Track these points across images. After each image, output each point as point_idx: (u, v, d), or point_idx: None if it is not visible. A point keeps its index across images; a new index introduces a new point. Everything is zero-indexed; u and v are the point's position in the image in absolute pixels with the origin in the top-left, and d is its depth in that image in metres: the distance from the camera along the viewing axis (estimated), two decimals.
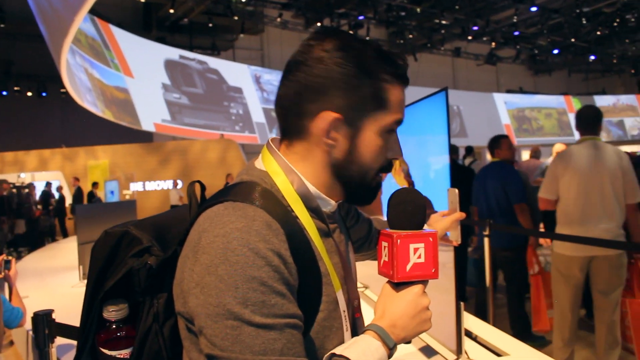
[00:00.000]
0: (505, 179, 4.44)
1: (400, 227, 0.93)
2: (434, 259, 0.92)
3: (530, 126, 24.63)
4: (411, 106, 2.07)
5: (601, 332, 3.44)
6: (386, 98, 0.92)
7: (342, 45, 0.90)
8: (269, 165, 0.95)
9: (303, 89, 0.90)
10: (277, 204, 0.88)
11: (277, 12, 17.64)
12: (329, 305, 0.91)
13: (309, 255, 0.88)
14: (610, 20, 18.90)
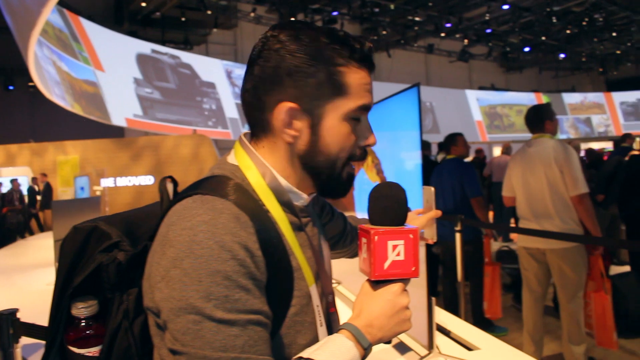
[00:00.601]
0: (462, 175, 4.58)
1: (380, 222, 0.90)
2: (415, 256, 0.89)
3: (501, 123, 24.95)
4: (384, 102, 2.08)
5: (565, 323, 3.53)
6: (344, 83, 0.91)
7: (295, 34, 0.90)
8: (240, 159, 0.94)
9: (260, 82, 0.90)
10: (248, 198, 0.87)
11: (251, 7, 17.53)
12: (301, 300, 0.90)
13: (280, 249, 0.87)
14: (579, 19, 19.23)
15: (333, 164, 0.93)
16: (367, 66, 0.94)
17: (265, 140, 0.93)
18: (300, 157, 0.93)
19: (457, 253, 3.78)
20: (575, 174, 3.41)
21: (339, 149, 0.93)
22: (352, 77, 0.92)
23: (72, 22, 14.75)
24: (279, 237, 0.88)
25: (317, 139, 0.92)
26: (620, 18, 19.44)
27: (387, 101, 2.03)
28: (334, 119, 0.91)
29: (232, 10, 17.94)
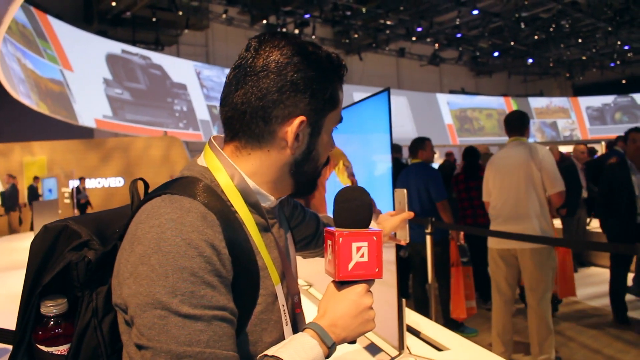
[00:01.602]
0: (428, 179, 4.64)
1: (344, 225, 0.93)
2: (378, 258, 0.91)
3: (471, 126, 25.27)
4: (355, 105, 2.09)
5: (533, 323, 3.60)
6: (337, 98, 0.99)
7: (298, 50, 0.94)
8: (210, 161, 0.96)
9: (267, 94, 0.91)
10: (216, 198, 0.89)
11: (223, 8, 17.43)
12: (267, 299, 0.92)
13: (247, 248, 0.90)
14: (547, 25, 19.61)
15: (316, 170, 1.01)
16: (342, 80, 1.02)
17: (258, 148, 0.95)
18: (293, 164, 0.98)
19: (428, 255, 3.83)
20: (553, 173, 3.55)
21: (324, 157, 1.01)
22: (339, 92, 1.00)
23: (40, 20, 14.45)
24: (245, 237, 0.91)
25: (312, 149, 0.98)
26: (586, 25, 19.88)
27: (359, 105, 2.05)
28: (327, 131, 1.00)
29: (203, 11, 17.82)
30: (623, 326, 4.72)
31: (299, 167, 0.98)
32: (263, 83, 0.91)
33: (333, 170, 2.35)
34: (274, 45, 0.94)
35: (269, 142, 0.94)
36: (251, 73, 0.92)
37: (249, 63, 0.93)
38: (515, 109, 4.16)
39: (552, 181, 3.53)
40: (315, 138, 0.98)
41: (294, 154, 0.96)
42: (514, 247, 3.60)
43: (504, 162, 3.69)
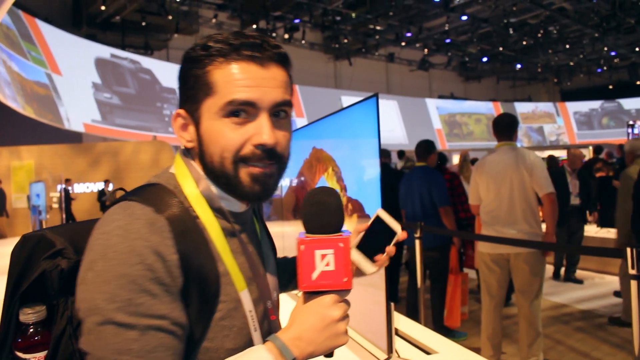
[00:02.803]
0: (432, 184, 4.63)
1: (312, 230, 0.87)
2: (346, 267, 0.85)
3: (460, 131, 25.42)
4: (344, 111, 2.11)
5: (522, 326, 3.63)
6: (211, 82, 0.91)
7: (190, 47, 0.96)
8: (178, 168, 0.98)
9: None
10: (175, 205, 0.89)
11: (213, 12, 17.42)
12: (228, 305, 0.90)
13: (205, 254, 0.88)
14: (535, 31, 19.79)
15: (221, 165, 0.92)
16: (246, 57, 0.92)
17: (186, 149, 0.99)
18: (200, 161, 0.96)
19: (417, 259, 3.84)
20: (543, 175, 3.58)
21: (220, 150, 0.92)
22: (218, 74, 0.91)
23: (28, 24, 14.38)
24: (205, 243, 0.89)
25: (202, 142, 0.94)
26: (573, 31, 20.10)
27: (348, 110, 2.06)
28: (208, 119, 0.92)
29: (193, 15, 17.81)
30: (611, 329, 4.77)
31: (203, 163, 0.95)
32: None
33: (322, 175, 2.37)
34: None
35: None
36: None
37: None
38: (504, 112, 4.16)
39: (541, 184, 3.56)
40: (199, 129, 0.94)
41: (195, 150, 0.95)
42: (507, 251, 3.62)
43: (495, 167, 3.70)
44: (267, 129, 0.91)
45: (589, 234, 7.07)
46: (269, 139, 0.90)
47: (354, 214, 2.05)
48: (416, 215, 4.67)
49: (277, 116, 0.95)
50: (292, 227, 3.12)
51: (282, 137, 0.95)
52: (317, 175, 2.45)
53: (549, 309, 5.47)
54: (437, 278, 4.73)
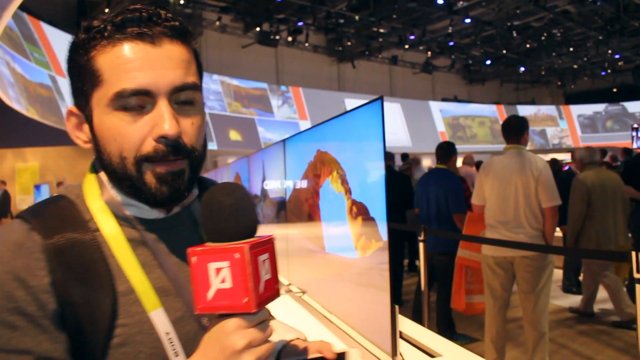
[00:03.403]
0: (449, 189, 4.61)
1: (214, 238, 0.73)
2: (244, 284, 0.68)
3: (464, 134, 25.38)
4: (348, 114, 2.11)
5: (527, 329, 3.62)
6: (96, 70, 0.78)
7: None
8: (87, 177, 0.88)
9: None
10: (67, 219, 0.80)
11: (216, 15, 17.45)
12: (130, 329, 0.78)
13: (97, 273, 0.77)
14: (538, 34, 19.77)
15: (122, 166, 0.80)
16: (128, 37, 0.78)
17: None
18: (100, 163, 0.85)
19: (421, 262, 3.84)
20: (551, 186, 3.57)
21: (118, 149, 0.79)
22: (103, 59, 0.78)
23: (32, 27, 14.41)
24: (99, 260, 0.78)
25: (97, 142, 0.82)
26: (577, 34, 20.06)
27: (352, 113, 2.06)
28: (100, 114, 0.80)
29: (197, 18, 17.84)
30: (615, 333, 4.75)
31: (103, 166, 0.83)
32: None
33: (327, 178, 2.37)
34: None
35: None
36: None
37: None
38: (513, 115, 4.15)
39: (548, 194, 3.56)
40: (92, 126, 0.82)
41: (93, 150, 0.84)
42: (511, 254, 3.62)
43: (502, 170, 3.69)
44: (167, 118, 0.77)
45: None
46: (170, 129, 0.77)
47: (359, 217, 2.05)
48: (430, 218, 4.66)
49: (181, 102, 0.81)
50: (296, 230, 3.12)
51: (190, 126, 0.82)
52: (321, 177, 2.46)
53: (552, 312, 5.44)
54: (444, 282, 4.71)
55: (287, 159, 3.21)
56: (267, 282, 0.72)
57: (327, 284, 2.62)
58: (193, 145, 0.82)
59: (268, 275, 0.73)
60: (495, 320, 3.77)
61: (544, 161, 3.71)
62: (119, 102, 0.77)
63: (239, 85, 19.11)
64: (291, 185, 3.14)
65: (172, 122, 0.77)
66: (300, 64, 21.88)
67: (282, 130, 18.60)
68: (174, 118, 0.78)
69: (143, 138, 0.78)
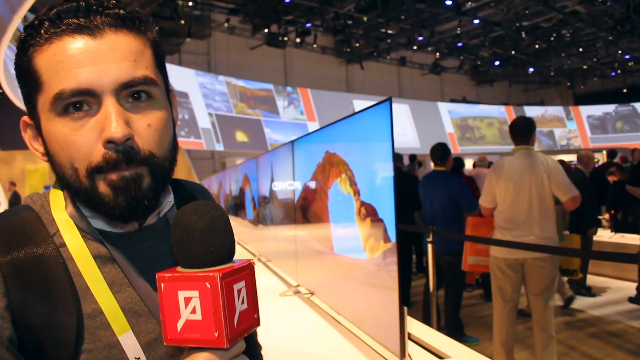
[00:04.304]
0: (457, 190, 4.62)
1: (182, 263, 0.66)
2: (216, 316, 0.62)
3: (473, 135, 25.30)
4: (357, 115, 2.11)
5: (537, 332, 3.61)
6: (36, 72, 0.70)
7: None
8: (55, 186, 0.80)
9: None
10: (28, 233, 0.73)
11: (225, 17, 17.50)
12: (97, 354, 0.71)
13: (59, 294, 0.70)
14: (547, 34, 19.69)
15: (76, 181, 0.71)
16: (65, 31, 0.69)
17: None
18: (56, 177, 0.76)
19: (430, 263, 3.83)
20: (565, 179, 3.57)
21: (68, 160, 0.71)
22: (41, 59, 0.70)
23: None
24: (65, 279, 0.71)
25: (48, 151, 0.74)
26: (587, 34, 19.96)
27: (361, 114, 2.06)
28: (46, 121, 0.71)
29: (205, 20, 17.90)
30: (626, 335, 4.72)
31: (57, 177, 0.75)
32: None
33: (336, 179, 2.37)
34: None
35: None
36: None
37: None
38: (521, 115, 4.13)
39: (563, 188, 3.56)
40: (42, 135, 0.73)
41: (49, 163, 0.75)
42: (523, 256, 3.60)
43: (513, 171, 3.66)
44: (114, 119, 0.68)
45: (603, 239, 7.01)
46: (116, 132, 0.68)
47: (367, 218, 2.05)
48: (435, 220, 4.66)
49: (135, 99, 0.72)
50: (305, 231, 3.12)
51: (145, 129, 0.72)
52: (330, 179, 2.46)
53: (562, 314, 5.42)
54: (452, 283, 4.71)
55: (295, 160, 3.21)
56: (243, 313, 0.66)
57: (335, 285, 2.62)
58: (151, 150, 0.72)
59: (244, 305, 0.66)
60: (505, 322, 3.76)
61: (552, 159, 3.70)
62: (60, 106, 0.69)
63: (244, 86, 19.14)
64: (300, 186, 3.14)
65: (120, 123, 0.68)
66: (308, 65, 21.91)
67: (288, 131, 18.62)
68: (121, 119, 0.69)
69: (92, 145, 0.69)
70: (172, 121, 0.81)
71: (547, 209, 3.59)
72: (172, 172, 0.80)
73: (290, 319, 2.80)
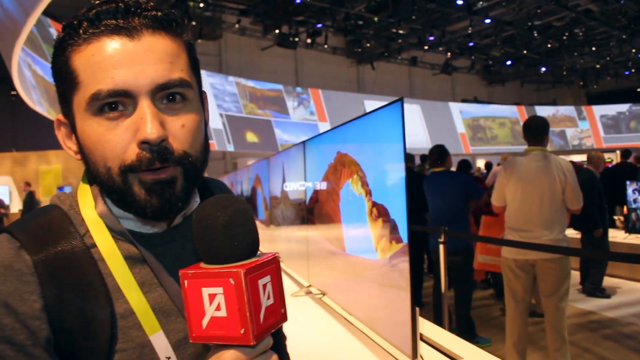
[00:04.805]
0: (466, 185, 4.65)
1: (206, 259, 0.66)
2: (241, 313, 0.61)
3: (484, 135, 25.17)
4: (368, 115, 2.11)
5: (549, 333, 3.58)
6: (73, 71, 0.71)
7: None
8: (81, 186, 0.81)
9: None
10: (58, 233, 0.73)
11: (236, 18, 17.56)
12: (130, 354, 0.72)
13: (93, 295, 0.71)
14: (560, 33, 19.55)
15: (110, 180, 0.72)
16: (104, 32, 0.70)
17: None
18: (89, 175, 0.78)
19: (441, 264, 3.82)
20: (577, 189, 3.57)
21: (102, 158, 0.72)
22: (78, 59, 0.71)
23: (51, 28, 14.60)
24: (97, 280, 0.72)
25: (82, 151, 0.75)
26: (600, 33, 19.79)
27: (372, 114, 2.06)
28: (81, 120, 0.73)
29: (216, 21, 17.94)
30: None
31: (90, 175, 0.77)
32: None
33: (348, 180, 2.37)
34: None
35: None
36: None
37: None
38: (535, 115, 4.11)
39: (576, 198, 3.56)
40: (76, 134, 0.75)
41: (83, 161, 0.77)
42: (533, 257, 3.59)
43: (526, 172, 3.64)
44: (149, 120, 0.69)
45: (617, 239, 6.94)
46: (152, 133, 0.69)
47: (379, 219, 2.05)
48: (446, 219, 4.65)
49: (170, 101, 0.73)
50: (316, 232, 3.12)
51: (179, 129, 0.73)
52: (342, 179, 2.46)
53: (575, 315, 5.38)
54: (461, 283, 4.69)
55: (307, 160, 3.21)
56: (269, 308, 0.65)
57: (347, 285, 2.62)
58: (185, 150, 0.73)
59: (270, 300, 0.65)
60: (517, 323, 3.74)
61: (569, 163, 3.68)
62: (96, 106, 0.70)
63: (254, 87, 19.17)
64: (311, 186, 3.14)
65: (155, 124, 0.69)
66: (319, 65, 21.91)
67: (299, 131, 18.62)
68: (156, 120, 0.69)
69: (126, 145, 0.70)
70: (204, 122, 0.83)
71: (559, 211, 3.57)
72: (203, 172, 0.81)
73: (302, 319, 2.80)
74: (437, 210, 4.78)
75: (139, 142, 0.69)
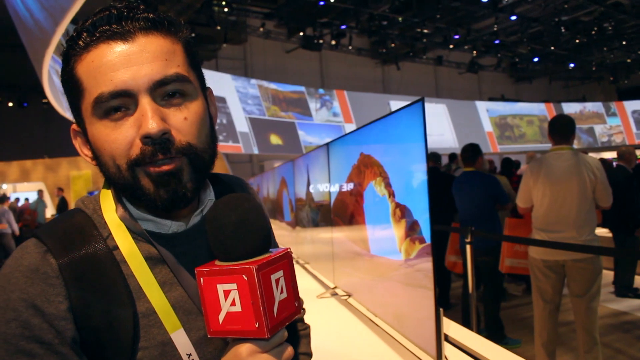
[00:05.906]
0: (496, 188, 4.60)
1: (220, 257, 0.70)
2: (256, 307, 0.64)
3: (512, 133, 24.86)
4: (390, 116, 2.11)
5: (580, 334, 3.52)
6: (78, 79, 0.76)
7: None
8: (102, 191, 0.86)
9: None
10: (85, 238, 0.77)
11: (260, 22, 17.68)
12: (152, 352, 0.76)
13: (116, 295, 0.75)
14: (588, 28, 19.19)
15: (120, 176, 0.76)
16: (101, 38, 0.74)
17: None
18: (105, 179, 0.83)
19: (468, 264, 3.78)
20: (608, 186, 3.52)
21: (110, 157, 0.75)
22: (81, 67, 0.75)
23: None
24: (120, 280, 0.76)
25: (94, 152, 0.79)
26: (630, 27, 19.37)
27: (394, 115, 2.06)
28: (90, 125, 0.77)
29: (241, 25, 18.09)
30: None
31: (106, 176, 0.80)
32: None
33: (372, 181, 2.37)
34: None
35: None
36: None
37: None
38: (561, 113, 4.04)
39: (607, 195, 3.51)
40: (88, 138, 0.79)
41: (98, 166, 0.80)
42: (563, 257, 3.53)
43: (555, 172, 3.58)
44: (150, 115, 0.73)
45: None
46: (152, 128, 0.72)
47: (402, 220, 2.05)
48: (473, 221, 4.61)
49: (170, 96, 0.76)
50: (341, 233, 3.13)
51: (182, 121, 0.76)
52: (365, 181, 2.46)
53: (608, 316, 5.28)
54: (490, 282, 4.65)
55: (331, 162, 3.22)
56: (283, 302, 0.68)
57: (372, 286, 2.62)
58: (189, 141, 0.76)
59: (284, 294, 0.68)
60: (546, 324, 3.68)
61: (597, 160, 3.61)
62: (101, 110, 0.74)
63: (276, 89, 19.24)
64: (336, 188, 3.15)
65: (155, 119, 0.72)
66: (344, 67, 21.92)
67: (323, 133, 18.63)
68: (157, 115, 0.73)
69: (130, 141, 0.74)
70: (210, 116, 0.86)
71: (590, 211, 3.51)
72: (212, 164, 0.84)
73: (328, 321, 2.81)
74: (466, 211, 4.73)
75: (141, 137, 0.73)
